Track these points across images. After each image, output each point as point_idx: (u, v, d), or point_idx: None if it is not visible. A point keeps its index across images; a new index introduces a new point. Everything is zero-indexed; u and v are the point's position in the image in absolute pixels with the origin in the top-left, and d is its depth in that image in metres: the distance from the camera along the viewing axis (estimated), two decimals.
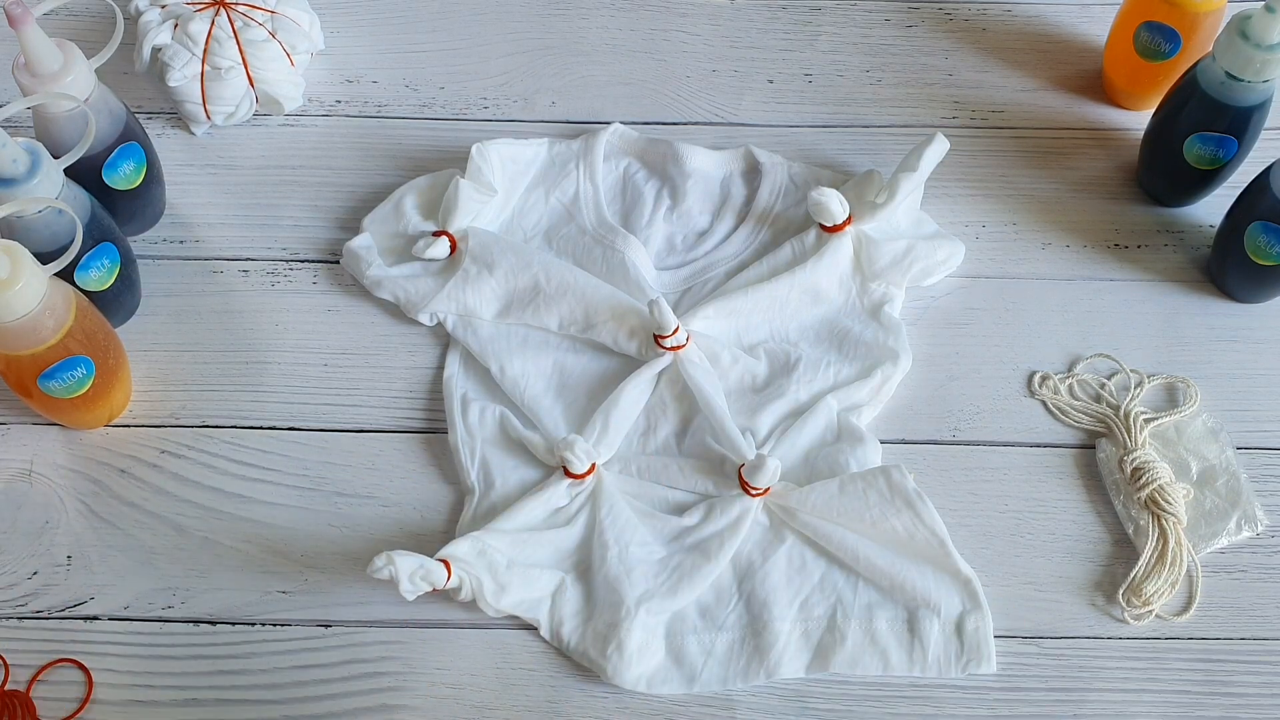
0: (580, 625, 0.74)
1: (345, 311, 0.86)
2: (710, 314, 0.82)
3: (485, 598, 0.72)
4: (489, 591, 0.72)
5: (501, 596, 0.73)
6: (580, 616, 0.74)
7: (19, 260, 0.69)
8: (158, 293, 0.86)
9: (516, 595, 0.73)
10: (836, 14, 1.00)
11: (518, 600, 0.73)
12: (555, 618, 0.74)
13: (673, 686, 0.72)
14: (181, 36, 0.88)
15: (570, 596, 0.74)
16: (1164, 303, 0.86)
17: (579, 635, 0.73)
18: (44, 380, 0.74)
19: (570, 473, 0.77)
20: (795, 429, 0.79)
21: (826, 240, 0.83)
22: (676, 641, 0.74)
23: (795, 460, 0.79)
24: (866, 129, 0.94)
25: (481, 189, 0.85)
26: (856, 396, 0.80)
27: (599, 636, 0.73)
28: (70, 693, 0.73)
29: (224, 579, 0.76)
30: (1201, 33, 0.86)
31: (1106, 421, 0.81)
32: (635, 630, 0.72)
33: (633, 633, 0.72)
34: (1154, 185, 0.90)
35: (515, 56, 0.97)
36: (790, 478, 0.78)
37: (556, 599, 0.74)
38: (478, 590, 0.72)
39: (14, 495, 0.79)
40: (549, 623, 0.74)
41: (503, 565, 0.73)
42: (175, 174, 0.90)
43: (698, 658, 0.73)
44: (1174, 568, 0.75)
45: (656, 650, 0.73)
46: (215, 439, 0.81)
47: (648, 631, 0.73)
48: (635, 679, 0.72)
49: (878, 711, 0.73)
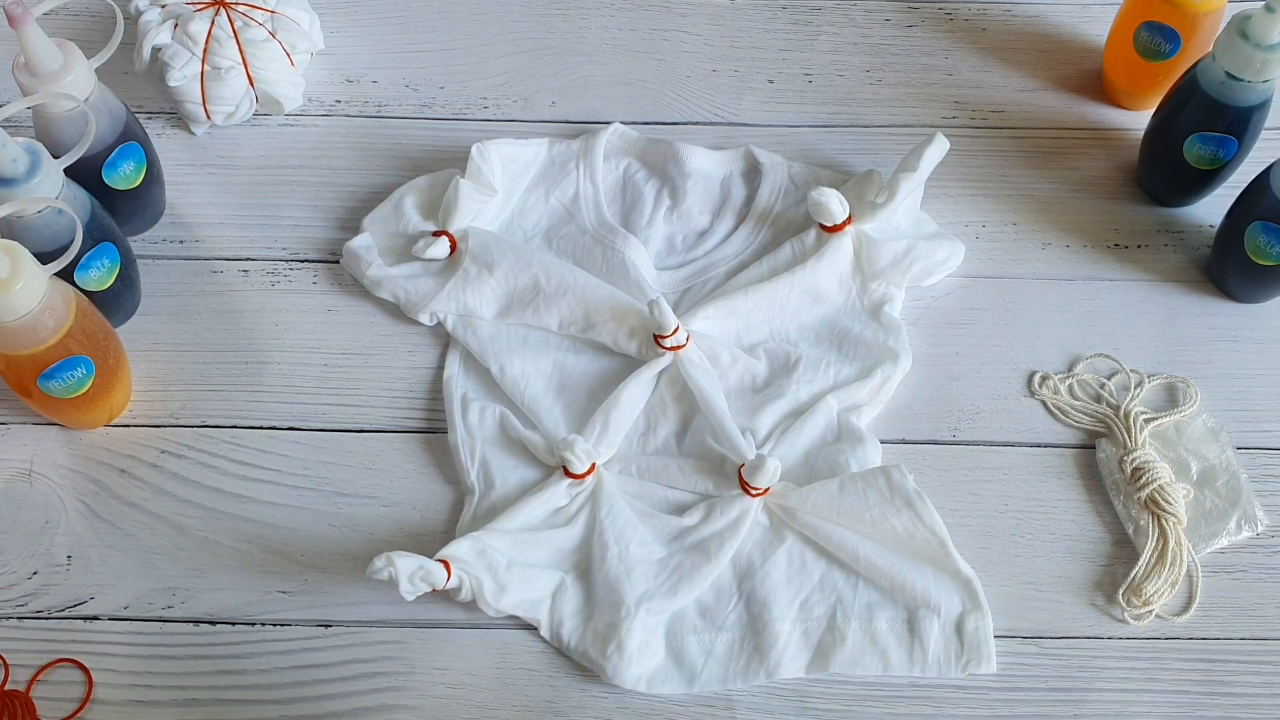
0: (580, 625, 0.74)
1: (345, 311, 0.86)
2: (710, 314, 0.82)
3: (485, 598, 0.72)
4: (489, 592, 0.72)
5: (501, 596, 0.73)
6: (580, 616, 0.74)
7: (19, 260, 0.69)
8: (158, 293, 0.86)
9: (516, 595, 0.73)
10: (836, 14, 1.00)
11: (518, 600, 0.73)
12: (555, 618, 0.74)
13: (673, 686, 0.72)
14: (181, 36, 0.88)
15: (570, 596, 0.74)
16: (1164, 303, 0.86)
17: (579, 635, 0.73)
18: (44, 380, 0.74)
19: (570, 473, 0.77)
20: (795, 429, 0.79)
21: (826, 240, 0.83)
22: (676, 641, 0.74)
23: (795, 460, 0.79)
24: (866, 129, 0.94)
25: (482, 189, 0.85)
26: (856, 396, 0.81)
27: (599, 636, 0.73)
28: (70, 693, 0.73)
29: (224, 579, 0.76)
30: (1201, 33, 0.86)
31: (1106, 421, 0.81)
32: (635, 630, 0.72)
33: (633, 633, 0.72)
34: (1154, 185, 0.90)
35: (515, 56, 0.97)
36: (790, 478, 0.78)
37: (556, 599, 0.74)
38: (478, 591, 0.72)
39: (14, 495, 0.79)
40: (549, 622, 0.74)
41: (503, 565, 0.73)
42: (175, 174, 0.90)
43: (698, 658, 0.73)
44: (1174, 568, 0.75)
45: (657, 650, 0.73)
46: (215, 439, 0.81)
47: (648, 631, 0.73)
48: (635, 679, 0.72)
49: (877, 711, 0.73)
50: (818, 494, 0.76)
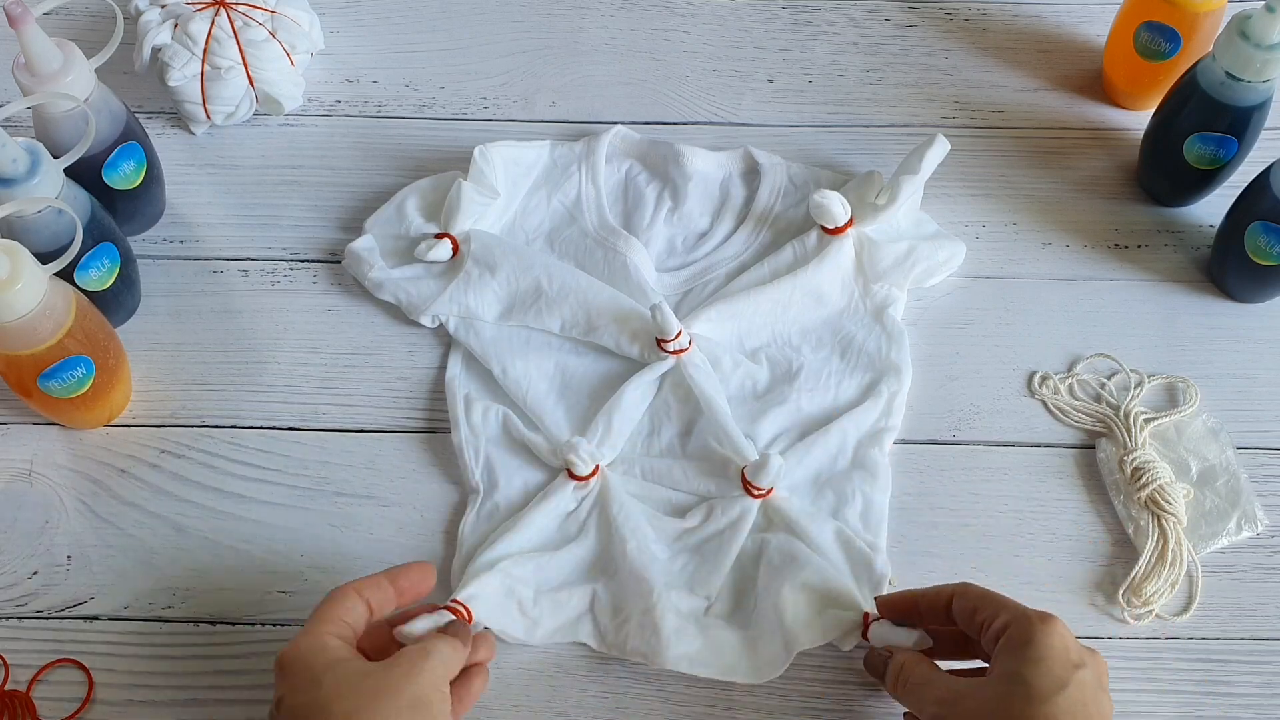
0: (620, 624, 0.73)
1: (345, 311, 0.86)
2: (713, 317, 0.82)
3: (520, 638, 0.72)
4: (521, 632, 0.72)
5: (535, 631, 0.73)
6: (619, 617, 0.73)
7: (19, 260, 0.69)
8: (158, 293, 0.86)
9: (549, 626, 0.73)
10: (836, 14, 1.00)
11: (552, 629, 0.73)
12: (600, 628, 0.73)
13: (713, 671, 0.72)
14: (181, 36, 0.88)
15: (604, 604, 0.74)
16: (1164, 303, 0.86)
17: (622, 634, 0.73)
18: (44, 380, 0.74)
19: (574, 475, 0.77)
20: (805, 446, 0.78)
21: (828, 242, 0.83)
22: (710, 632, 0.73)
23: (804, 479, 0.78)
24: (866, 129, 0.94)
25: (484, 191, 0.85)
26: (870, 420, 0.80)
27: (637, 626, 0.72)
28: (70, 693, 0.73)
29: (224, 579, 0.76)
30: (1201, 33, 0.86)
31: (1106, 421, 0.81)
32: (669, 614, 0.72)
33: (666, 616, 0.71)
34: (1154, 185, 0.90)
35: (515, 56, 0.97)
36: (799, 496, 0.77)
37: (596, 611, 0.74)
38: (507, 634, 0.72)
39: (14, 495, 0.79)
40: (596, 635, 0.73)
41: (530, 600, 0.73)
42: (175, 174, 0.90)
43: (731, 650, 0.72)
44: (1174, 568, 0.75)
45: (694, 636, 0.72)
46: (215, 439, 0.81)
47: (681, 617, 0.72)
48: (678, 658, 0.71)
49: (877, 711, 0.73)
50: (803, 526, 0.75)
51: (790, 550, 0.74)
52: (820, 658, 0.74)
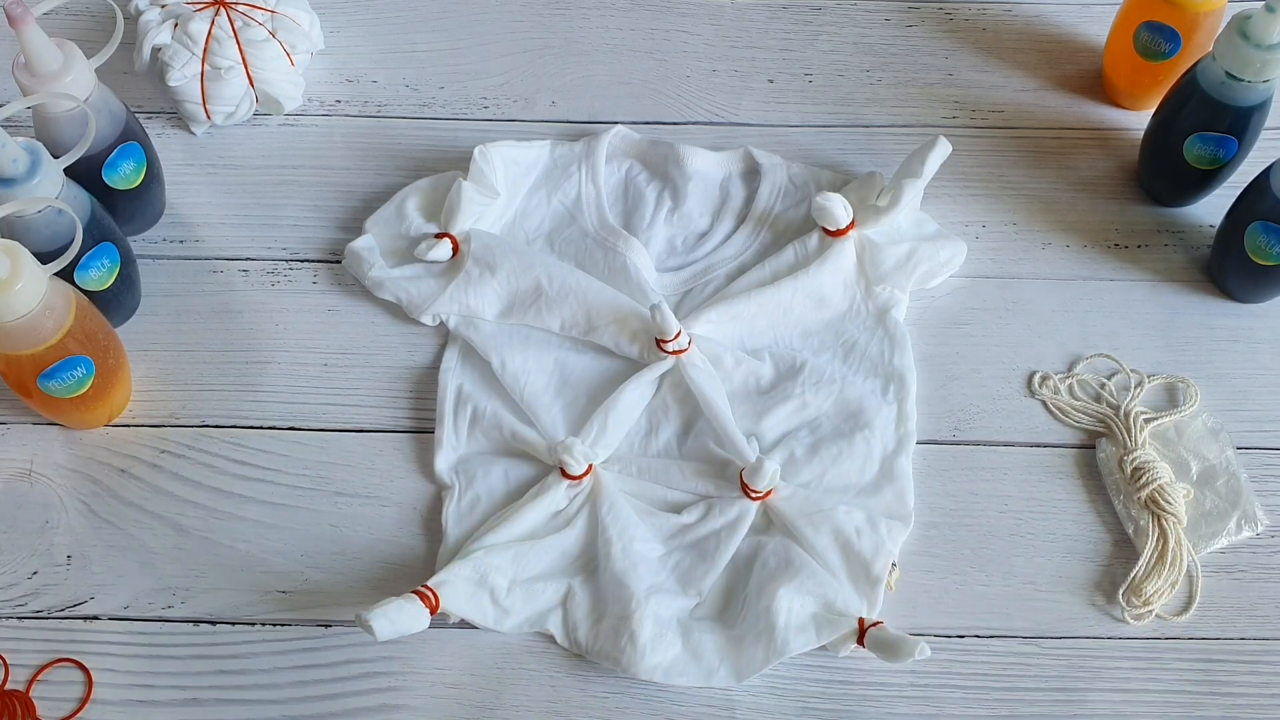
0: (593, 625, 0.73)
1: (345, 311, 0.86)
2: (713, 318, 0.82)
3: (489, 626, 0.73)
4: (491, 621, 0.72)
5: (505, 620, 0.73)
6: (592, 617, 0.73)
7: (19, 260, 0.69)
8: (158, 293, 0.86)
9: (520, 615, 0.73)
10: (836, 14, 1.00)
11: (522, 620, 0.73)
12: (569, 624, 0.74)
13: (690, 679, 0.72)
14: (181, 36, 0.88)
15: (580, 600, 0.74)
16: (1164, 303, 0.86)
17: (593, 635, 0.73)
18: (44, 380, 0.74)
19: (567, 474, 0.77)
20: (827, 455, 0.78)
21: (830, 244, 0.83)
22: (692, 636, 0.73)
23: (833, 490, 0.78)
24: (866, 129, 0.94)
25: (484, 191, 0.85)
26: (890, 429, 0.80)
27: (612, 630, 0.72)
28: (70, 693, 0.73)
29: (224, 579, 0.76)
30: (1201, 33, 0.86)
31: (1106, 421, 0.81)
32: (646, 622, 0.72)
33: (644, 624, 0.72)
34: (1154, 185, 0.90)
35: (515, 56, 0.97)
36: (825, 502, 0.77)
37: (568, 606, 0.74)
38: (477, 622, 0.72)
39: (14, 495, 0.79)
40: (563, 630, 0.74)
41: (503, 589, 0.73)
42: (175, 174, 0.90)
43: (712, 653, 0.72)
44: (1174, 568, 0.75)
45: (672, 642, 0.72)
46: (215, 439, 0.81)
47: (660, 624, 0.72)
48: (651, 668, 0.71)
49: (877, 711, 0.73)
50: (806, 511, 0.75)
51: (787, 555, 0.74)
52: (821, 658, 0.74)
